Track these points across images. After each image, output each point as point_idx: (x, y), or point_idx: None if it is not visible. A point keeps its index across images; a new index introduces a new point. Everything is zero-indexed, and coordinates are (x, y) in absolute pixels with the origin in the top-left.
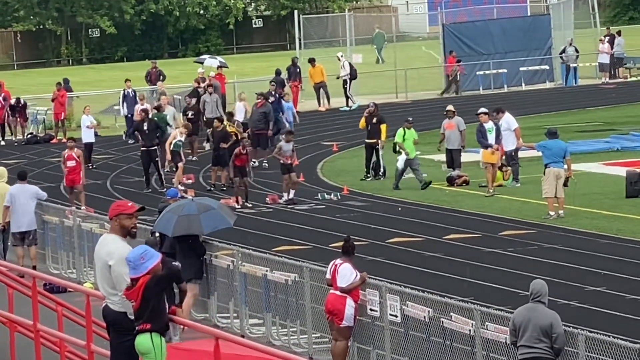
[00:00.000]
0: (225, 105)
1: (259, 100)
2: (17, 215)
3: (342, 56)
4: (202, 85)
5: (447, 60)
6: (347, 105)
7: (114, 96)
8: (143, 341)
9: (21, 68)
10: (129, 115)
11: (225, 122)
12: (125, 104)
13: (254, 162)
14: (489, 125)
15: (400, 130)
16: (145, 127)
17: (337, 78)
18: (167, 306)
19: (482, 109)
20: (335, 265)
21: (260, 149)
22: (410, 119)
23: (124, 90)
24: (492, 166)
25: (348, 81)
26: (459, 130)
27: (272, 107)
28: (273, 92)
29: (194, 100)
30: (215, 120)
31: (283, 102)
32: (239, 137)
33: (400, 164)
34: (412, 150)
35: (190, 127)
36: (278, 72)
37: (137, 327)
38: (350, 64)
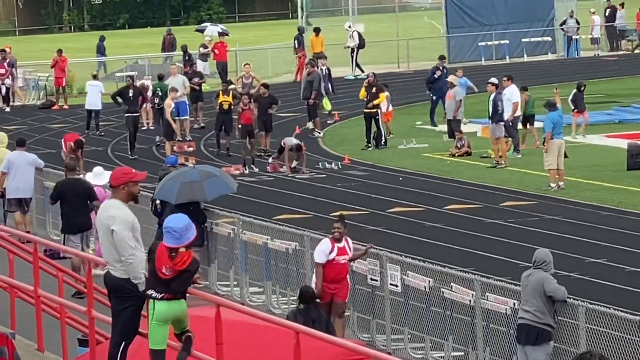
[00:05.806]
0: (227, 72)
1: (308, 69)
2: (14, 181)
3: (350, 26)
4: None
5: (637, 17)
6: (353, 74)
7: (117, 63)
8: (183, 306)
9: (23, 34)
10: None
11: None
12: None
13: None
14: (492, 97)
15: None
16: (130, 94)
17: (345, 47)
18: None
19: (492, 79)
20: (347, 240)
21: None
22: None
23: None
24: (497, 139)
25: (356, 50)
26: (456, 101)
27: (439, 84)
28: (440, 67)
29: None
30: (261, 87)
31: (456, 77)
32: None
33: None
34: None
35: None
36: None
37: (165, 295)
38: (359, 34)
